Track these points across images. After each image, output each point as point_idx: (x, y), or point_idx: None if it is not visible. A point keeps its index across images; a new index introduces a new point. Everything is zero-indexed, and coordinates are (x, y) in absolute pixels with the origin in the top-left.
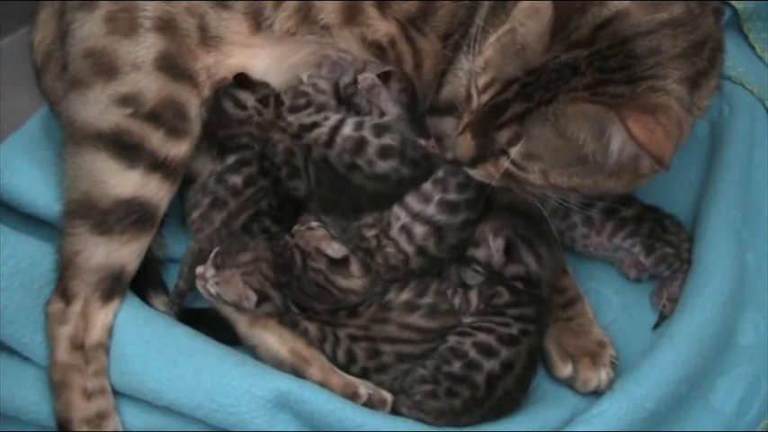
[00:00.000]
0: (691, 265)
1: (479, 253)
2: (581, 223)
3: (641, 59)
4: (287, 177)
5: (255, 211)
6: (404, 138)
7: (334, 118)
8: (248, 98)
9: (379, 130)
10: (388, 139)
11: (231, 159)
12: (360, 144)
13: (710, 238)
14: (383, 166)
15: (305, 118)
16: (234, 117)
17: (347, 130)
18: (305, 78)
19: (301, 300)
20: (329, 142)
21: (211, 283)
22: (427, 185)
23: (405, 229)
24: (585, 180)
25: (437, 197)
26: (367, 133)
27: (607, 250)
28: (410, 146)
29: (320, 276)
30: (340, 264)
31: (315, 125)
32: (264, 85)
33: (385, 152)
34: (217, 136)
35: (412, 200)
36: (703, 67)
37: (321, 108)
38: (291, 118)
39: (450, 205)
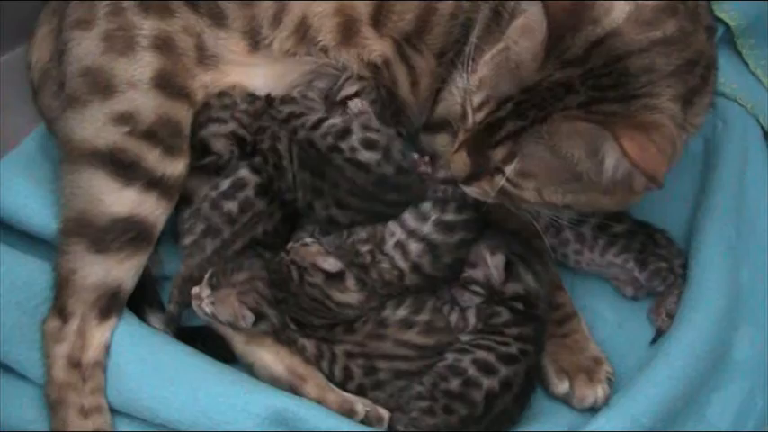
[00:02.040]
0: (686, 280)
1: (477, 273)
2: (573, 239)
3: (635, 78)
4: (273, 168)
5: (250, 238)
6: (391, 143)
7: (321, 113)
8: (232, 92)
9: (367, 128)
10: (374, 135)
11: (226, 184)
12: (345, 132)
13: (705, 254)
14: (365, 155)
15: (296, 108)
16: (213, 104)
17: (334, 120)
18: (295, 93)
19: (299, 315)
20: (316, 125)
21: (207, 303)
22: (426, 205)
23: (399, 245)
24: (580, 197)
25: (434, 216)
26: (354, 126)
27: (600, 266)
28: (397, 151)
29: (317, 291)
30: (336, 278)
31: (303, 114)
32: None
33: (369, 144)
34: (198, 132)
35: (409, 217)
36: (697, 84)
37: (309, 108)
38: (283, 107)
39: (447, 225)
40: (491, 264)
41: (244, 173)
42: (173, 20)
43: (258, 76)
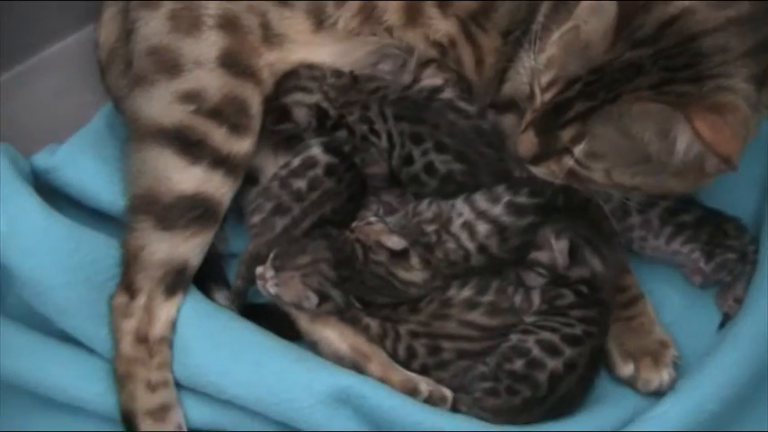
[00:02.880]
0: (755, 265)
1: (543, 256)
2: (638, 225)
3: (707, 57)
4: (361, 140)
5: (319, 216)
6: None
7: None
8: (321, 67)
9: (458, 94)
10: (465, 99)
11: (296, 162)
12: (436, 90)
13: None
14: (461, 104)
15: (380, 83)
16: (302, 74)
17: (424, 83)
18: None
19: (363, 293)
20: (407, 88)
21: (271, 284)
22: (500, 187)
23: (467, 225)
24: (649, 179)
25: (506, 198)
26: (444, 91)
27: (665, 254)
28: (484, 117)
29: (382, 268)
30: (400, 256)
31: (387, 86)
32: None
33: (461, 98)
34: (279, 94)
35: (480, 198)
36: None
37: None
38: (368, 84)
39: (519, 208)
40: (556, 248)
41: (315, 151)
42: None
43: (322, 54)
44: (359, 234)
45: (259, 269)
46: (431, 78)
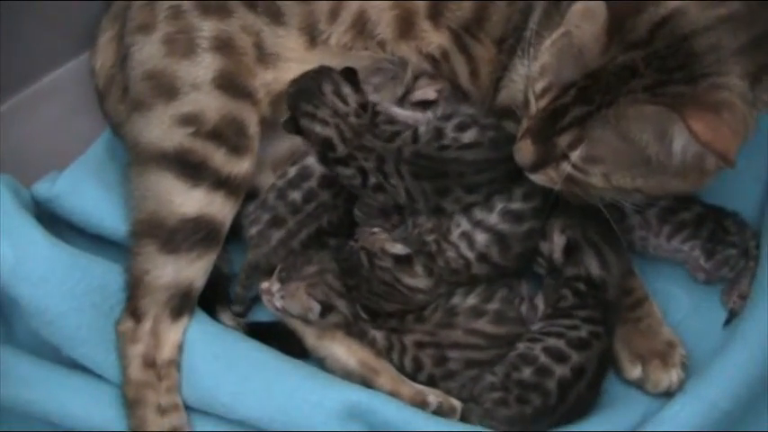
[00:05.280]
0: (758, 261)
1: (544, 246)
2: (638, 226)
3: (701, 57)
4: (373, 188)
5: (316, 228)
6: (472, 114)
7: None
8: (350, 95)
9: (446, 117)
10: (458, 118)
11: (292, 172)
12: (438, 131)
13: None
14: (467, 135)
15: (397, 127)
16: (326, 101)
17: (422, 128)
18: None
19: (370, 301)
20: (415, 138)
21: (277, 297)
22: (494, 196)
23: (465, 235)
24: (650, 181)
25: (500, 206)
26: (437, 123)
27: (667, 252)
28: (482, 116)
29: (387, 274)
30: (405, 262)
31: (401, 132)
32: (365, 91)
33: (461, 126)
34: (298, 106)
35: (475, 208)
36: (765, 60)
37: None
38: (386, 127)
39: (515, 214)
40: (555, 242)
41: (311, 161)
42: (231, 20)
43: None
44: (363, 242)
45: (264, 284)
46: (423, 90)
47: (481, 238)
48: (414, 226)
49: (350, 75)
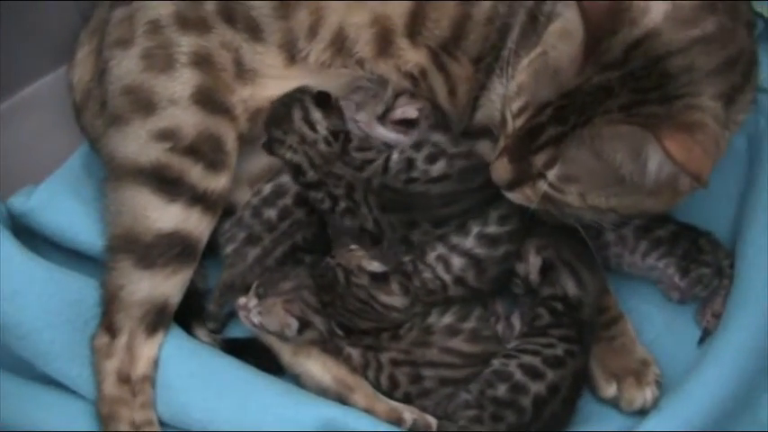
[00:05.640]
0: (731, 279)
1: (520, 267)
2: (613, 243)
3: (675, 77)
4: (342, 213)
5: (291, 245)
6: (441, 143)
7: (386, 153)
8: (320, 121)
9: (417, 145)
10: (428, 149)
11: (267, 189)
12: (408, 162)
13: (751, 252)
14: (435, 168)
15: (369, 155)
16: (296, 128)
17: (395, 156)
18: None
19: (345, 318)
20: (385, 169)
21: (254, 313)
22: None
23: (441, 258)
24: (624, 200)
25: (476, 230)
26: (409, 153)
27: (641, 270)
28: (451, 143)
29: (363, 292)
30: (381, 280)
31: (374, 160)
32: (338, 115)
33: (432, 158)
34: (270, 132)
35: (450, 232)
36: (738, 81)
37: (380, 151)
38: (357, 154)
39: (491, 238)
40: (531, 263)
41: (285, 179)
42: (210, 36)
43: None
44: (340, 259)
45: (241, 300)
46: (403, 108)
47: (457, 261)
48: (389, 246)
49: (322, 99)
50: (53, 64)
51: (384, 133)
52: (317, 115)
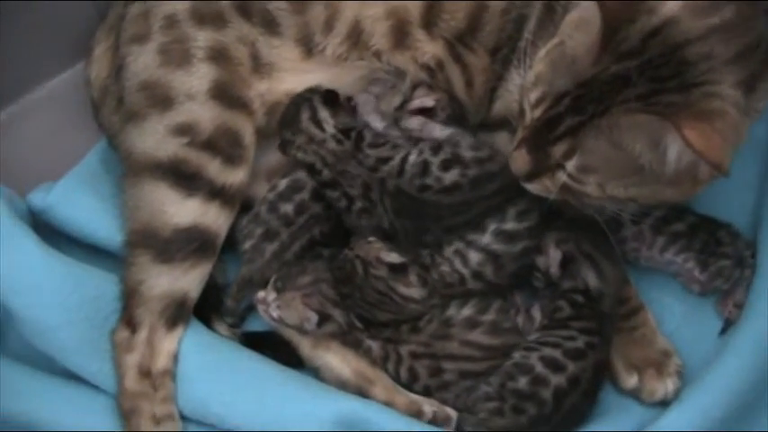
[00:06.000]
0: (754, 269)
1: (540, 261)
2: (631, 238)
3: (693, 66)
4: (358, 212)
5: (308, 239)
6: (458, 147)
7: (403, 151)
8: (327, 119)
9: (436, 149)
10: (445, 154)
11: (283, 185)
12: (424, 166)
13: None
14: (449, 177)
15: (383, 152)
16: (303, 128)
17: (412, 158)
18: (380, 128)
19: (364, 310)
20: (400, 171)
21: (273, 307)
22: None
23: (458, 253)
24: (643, 190)
25: (492, 227)
26: (427, 155)
27: (659, 264)
28: (469, 149)
29: (381, 283)
30: (399, 271)
31: (389, 159)
32: (347, 113)
33: (446, 165)
34: (281, 133)
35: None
36: (758, 69)
37: (395, 146)
38: (370, 152)
39: (508, 235)
40: (551, 256)
41: (301, 174)
42: (226, 30)
43: (312, 82)
44: (358, 251)
45: (260, 294)
46: (421, 99)
47: (474, 257)
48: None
49: (330, 98)
50: (70, 61)
51: (414, 124)
52: (324, 114)
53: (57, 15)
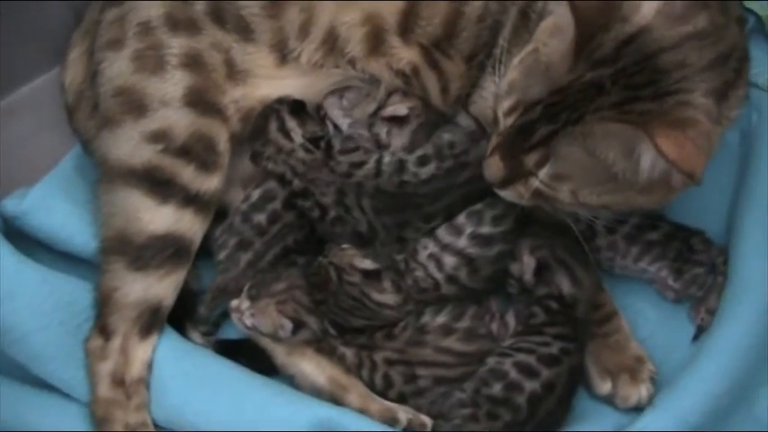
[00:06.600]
0: (725, 275)
1: (514, 267)
2: (605, 247)
3: (667, 74)
4: (332, 221)
5: (282, 248)
6: (434, 143)
7: (375, 154)
8: (295, 129)
9: (411, 146)
10: (420, 151)
11: (256, 195)
12: (400, 164)
13: (745, 247)
14: (426, 170)
15: (355, 158)
16: (271, 138)
17: (387, 158)
18: (345, 127)
19: (339, 316)
20: (378, 173)
21: (247, 315)
22: (461, 217)
23: (433, 257)
24: (616, 197)
25: (469, 230)
26: (402, 155)
27: (633, 272)
28: (445, 146)
29: (355, 290)
30: (373, 277)
31: (364, 163)
32: (315, 122)
33: (422, 161)
34: (251, 145)
35: (442, 232)
36: (730, 77)
37: (367, 151)
38: (342, 158)
39: (484, 238)
40: (525, 263)
41: (273, 184)
42: (200, 37)
43: (287, 88)
44: (332, 258)
45: (234, 302)
46: (395, 106)
47: (449, 260)
48: (382, 246)
49: (297, 107)
50: (46, 65)
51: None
52: (291, 124)
53: (32, 20)
